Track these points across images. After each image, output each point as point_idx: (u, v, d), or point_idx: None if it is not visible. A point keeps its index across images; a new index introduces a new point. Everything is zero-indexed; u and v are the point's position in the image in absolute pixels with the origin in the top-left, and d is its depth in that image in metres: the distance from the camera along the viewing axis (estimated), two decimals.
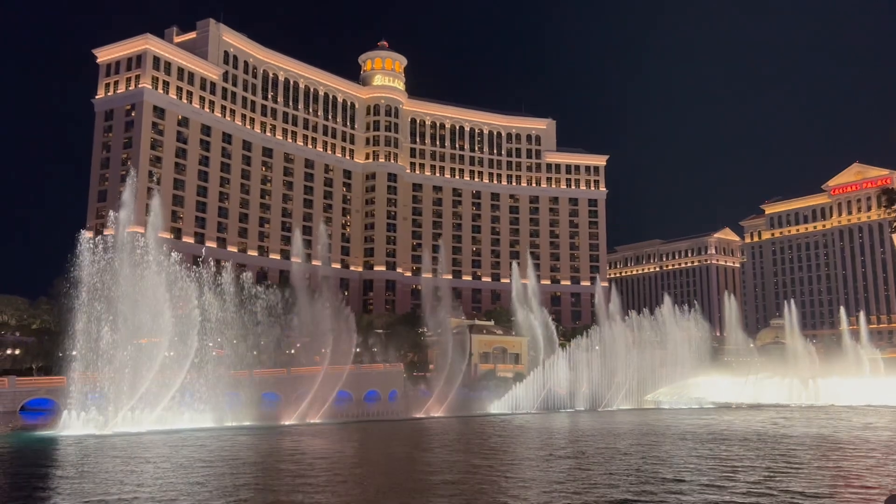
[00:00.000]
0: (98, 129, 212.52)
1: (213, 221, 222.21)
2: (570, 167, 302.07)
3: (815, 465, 48.31)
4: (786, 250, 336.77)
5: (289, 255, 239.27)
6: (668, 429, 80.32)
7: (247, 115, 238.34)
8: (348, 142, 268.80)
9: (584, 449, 59.08)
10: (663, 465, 48.41)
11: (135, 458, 53.25)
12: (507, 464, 50.08)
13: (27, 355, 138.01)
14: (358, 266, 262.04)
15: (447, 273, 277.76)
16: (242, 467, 48.72)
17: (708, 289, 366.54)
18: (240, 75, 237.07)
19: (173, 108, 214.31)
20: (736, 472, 44.77)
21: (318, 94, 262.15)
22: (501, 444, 63.98)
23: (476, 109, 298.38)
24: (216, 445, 62.46)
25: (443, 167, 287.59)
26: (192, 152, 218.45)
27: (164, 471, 46.30)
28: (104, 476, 44.09)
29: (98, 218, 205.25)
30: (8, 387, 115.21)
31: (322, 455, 56.93)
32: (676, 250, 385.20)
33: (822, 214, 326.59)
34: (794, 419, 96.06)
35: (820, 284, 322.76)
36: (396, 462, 53.81)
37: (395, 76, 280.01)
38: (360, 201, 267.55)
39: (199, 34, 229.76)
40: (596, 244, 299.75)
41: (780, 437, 68.72)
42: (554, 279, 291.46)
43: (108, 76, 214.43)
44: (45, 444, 62.69)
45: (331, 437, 71.63)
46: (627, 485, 39.58)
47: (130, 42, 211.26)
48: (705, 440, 65.12)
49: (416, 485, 41.55)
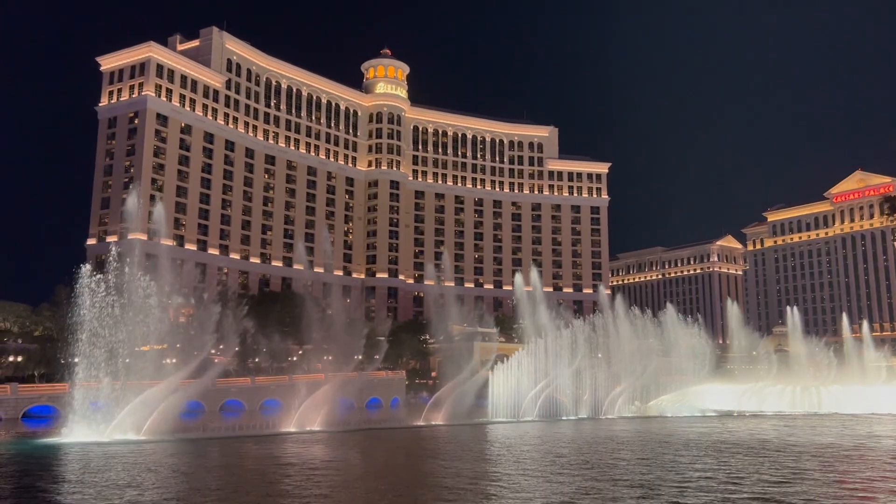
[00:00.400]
0: (101, 137, 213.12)
1: (216, 229, 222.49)
2: (572, 174, 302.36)
3: (821, 474, 48.01)
4: (788, 258, 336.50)
5: (291, 262, 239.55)
6: (673, 437, 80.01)
7: (249, 122, 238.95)
8: (351, 149, 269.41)
9: (588, 458, 58.81)
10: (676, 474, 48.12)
11: (136, 464, 53.10)
12: (509, 473, 49.79)
13: (29, 362, 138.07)
14: (360, 273, 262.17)
15: (450, 280, 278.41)
16: (246, 474, 48.54)
17: (710, 296, 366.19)
18: (242, 83, 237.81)
19: (176, 116, 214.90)
20: (742, 480, 44.50)
21: (320, 102, 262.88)
22: (503, 453, 63.70)
23: (478, 117, 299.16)
24: (219, 453, 62.34)
25: (445, 174, 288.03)
26: (195, 160, 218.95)
27: (165, 478, 46.19)
28: (104, 485, 43.94)
29: (101, 225, 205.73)
30: (10, 394, 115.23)
31: (314, 465, 56.72)
32: (679, 258, 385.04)
33: (825, 222, 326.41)
34: (797, 427, 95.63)
35: (822, 292, 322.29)
36: (400, 470, 53.54)
37: (397, 84, 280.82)
38: (363, 208, 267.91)
39: (203, 42, 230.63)
40: (598, 251, 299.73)
41: (785, 445, 68.38)
42: (556, 286, 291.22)
43: (111, 84, 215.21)
44: (46, 451, 62.56)
45: (329, 445, 71.41)
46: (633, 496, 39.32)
47: (134, 50, 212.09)
48: (711, 448, 64.81)
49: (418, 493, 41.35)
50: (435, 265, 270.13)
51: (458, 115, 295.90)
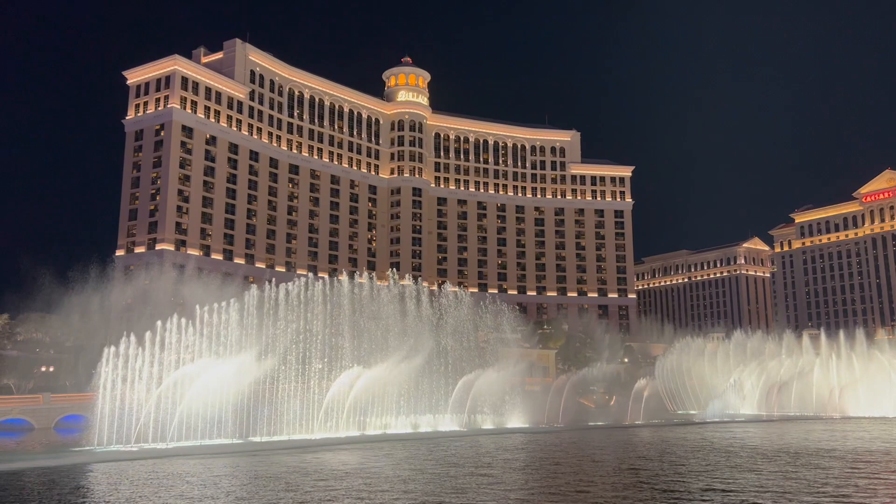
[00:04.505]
0: (128, 149, 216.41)
1: (242, 238, 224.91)
2: (595, 178, 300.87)
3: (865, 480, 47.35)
4: (817, 259, 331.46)
5: (316, 270, 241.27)
6: (712, 444, 79.26)
7: (273, 132, 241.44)
8: (373, 157, 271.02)
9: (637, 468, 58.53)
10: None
11: (162, 473, 53.98)
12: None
13: (61, 372, 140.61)
14: (384, 280, 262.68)
15: (473, 286, 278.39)
16: (268, 482, 49.13)
17: (738, 299, 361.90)
18: (266, 94, 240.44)
19: (201, 128, 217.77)
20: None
21: (342, 111, 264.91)
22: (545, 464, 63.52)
23: (500, 123, 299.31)
24: (247, 461, 63.17)
25: (467, 181, 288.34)
26: (220, 170, 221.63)
27: (191, 486, 46.89)
28: (132, 491, 44.73)
29: (129, 236, 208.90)
30: (42, 403, 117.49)
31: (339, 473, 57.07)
32: (705, 261, 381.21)
33: (854, 222, 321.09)
34: (830, 432, 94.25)
35: (853, 293, 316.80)
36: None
37: (418, 91, 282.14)
38: (386, 216, 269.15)
39: (226, 54, 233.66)
40: (623, 255, 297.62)
41: (823, 451, 67.50)
42: (581, 291, 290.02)
43: (137, 97, 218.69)
44: (76, 462, 63.81)
45: (358, 453, 71.84)
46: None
47: (159, 63, 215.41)
48: (766, 455, 64.12)
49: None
50: (458, 271, 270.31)
51: (479, 122, 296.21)
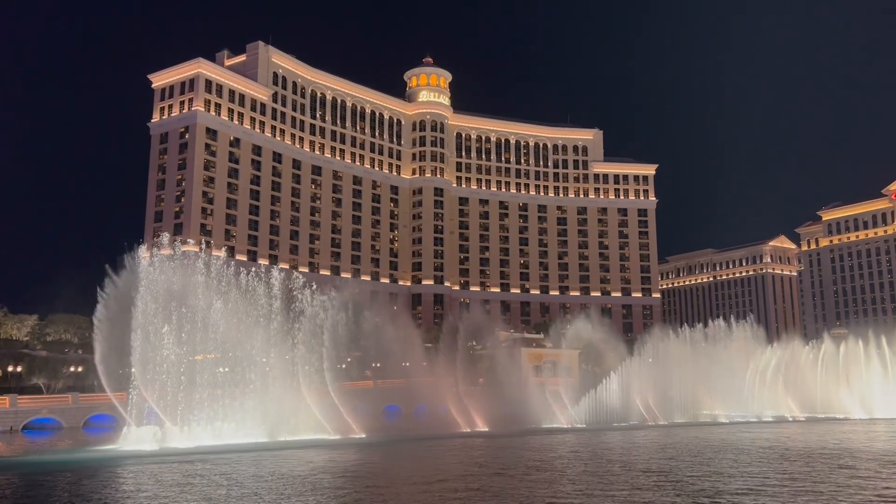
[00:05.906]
0: (154, 152, 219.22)
1: (265, 239, 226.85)
2: (618, 177, 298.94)
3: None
4: (845, 257, 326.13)
5: (339, 270, 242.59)
6: (743, 444, 78.44)
7: (296, 134, 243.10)
8: (395, 158, 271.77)
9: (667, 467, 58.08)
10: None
11: (187, 473, 54.47)
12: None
13: (89, 372, 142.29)
14: (406, 280, 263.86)
15: (495, 286, 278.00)
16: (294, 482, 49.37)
17: (764, 298, 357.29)
18: (289, 95, 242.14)
19: (225, 130, 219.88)
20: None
21: (364, 112, 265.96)
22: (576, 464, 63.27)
23: (521, 122, 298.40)
24: (271, 460, 63.51)
25: (489, 180, 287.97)
26: (244, 172, 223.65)
27: (216, 486, 47.27)
28: (160, 488, 45.20)
29: (155, 237, 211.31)
30: (71, 403, 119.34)
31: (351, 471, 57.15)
32: (730, 259, 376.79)
33: (883, 219, 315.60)
34: (857, 433, 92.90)
35: (883, 292, 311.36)
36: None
37: (440, 91, 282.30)
38: (408, 216, 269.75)
39: (249, 57, 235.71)
40: (647, 254, 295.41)
41: (851, 452, 66.50)
42: (604, 291, 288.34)
43: (162, 100, 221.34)
44: (103, 459, 64.69)
45: (365, 453, 71.97)
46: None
47: (183, 66, 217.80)
48: (781, 457, 63.39)
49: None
50: (480, 271, 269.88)
51: (501, 121, 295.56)
